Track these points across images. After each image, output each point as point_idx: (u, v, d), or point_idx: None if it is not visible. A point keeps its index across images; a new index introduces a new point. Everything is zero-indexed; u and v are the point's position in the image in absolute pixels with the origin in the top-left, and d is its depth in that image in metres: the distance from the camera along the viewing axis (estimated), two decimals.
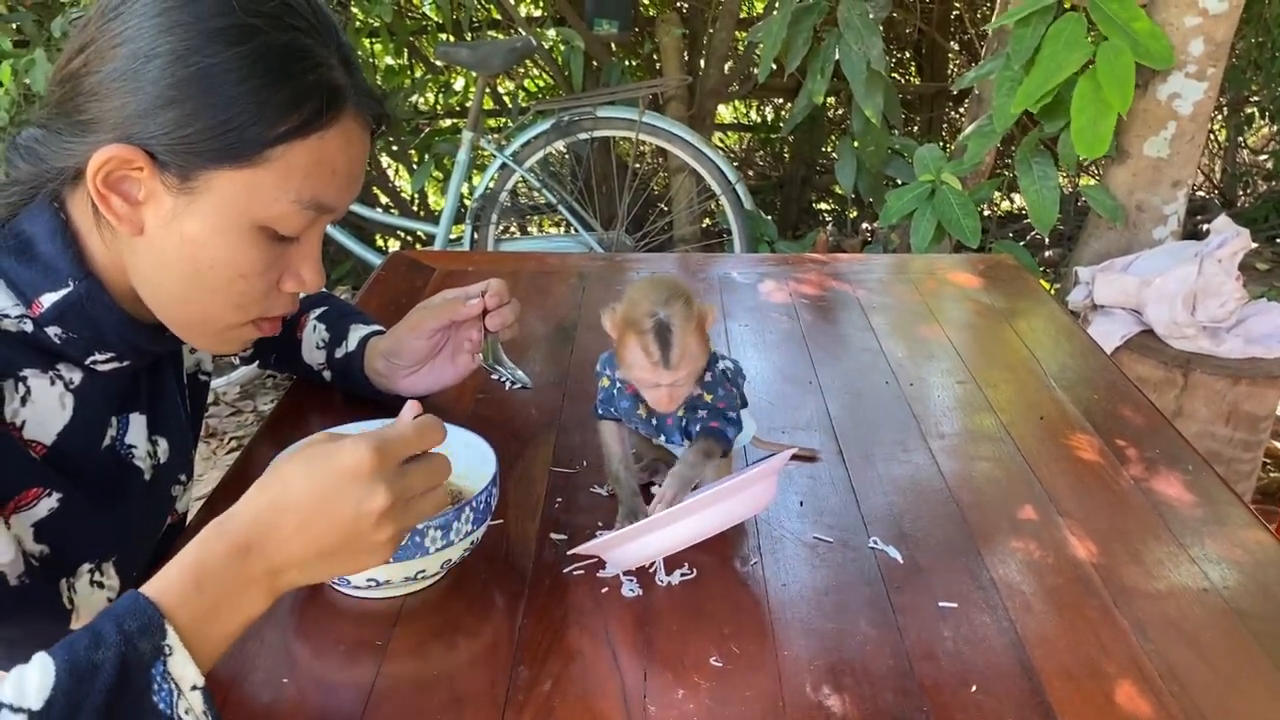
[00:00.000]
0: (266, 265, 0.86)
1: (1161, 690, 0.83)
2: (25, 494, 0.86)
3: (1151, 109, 2.61)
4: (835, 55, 2.97)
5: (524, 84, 4.93)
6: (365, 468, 0.72)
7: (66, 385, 0.89)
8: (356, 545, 0.73)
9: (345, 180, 0.87)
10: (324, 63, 0.82)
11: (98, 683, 0.64)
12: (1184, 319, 2.36)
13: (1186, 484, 1.13)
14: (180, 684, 0.67)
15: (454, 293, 1.19)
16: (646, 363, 0.94)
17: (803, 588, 0.95)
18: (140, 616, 0.66)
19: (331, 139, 0.83)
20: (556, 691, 0.82)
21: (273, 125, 0.80)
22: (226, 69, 0.78)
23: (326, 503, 0.72)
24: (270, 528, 0.72)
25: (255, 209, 0.82)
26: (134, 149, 0.79)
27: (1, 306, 0.84)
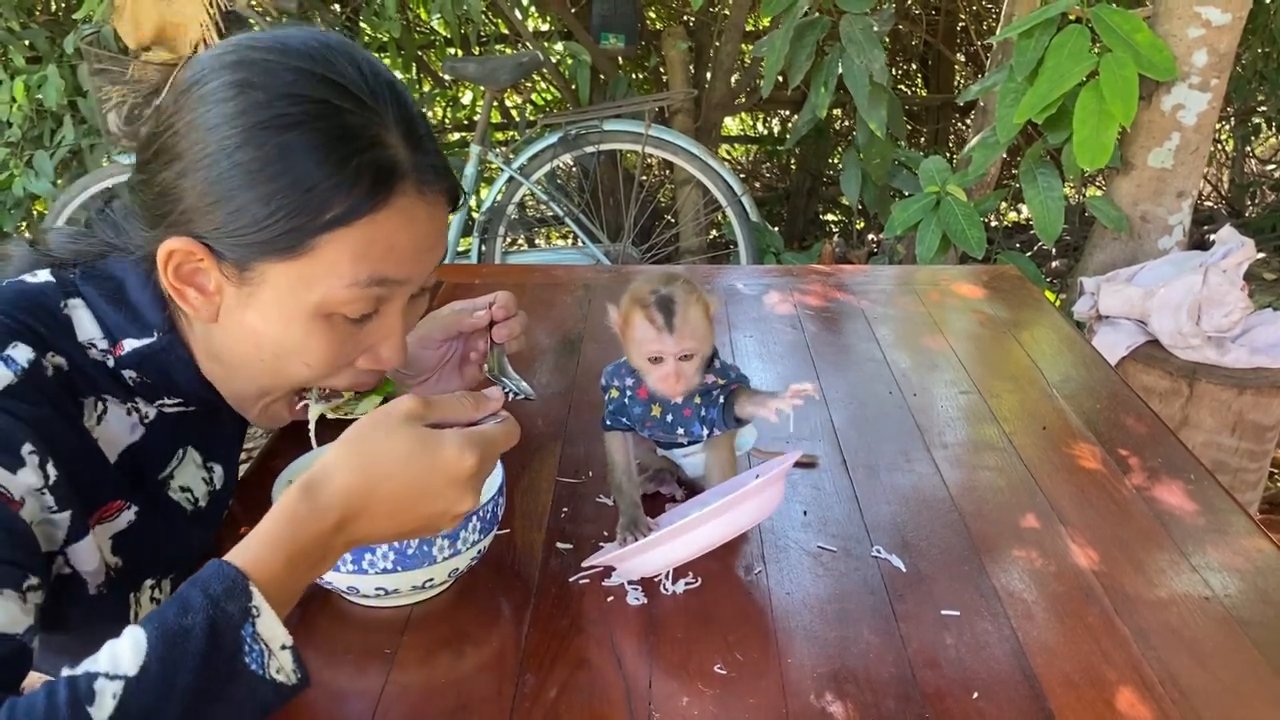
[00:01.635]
0: (336, 349, 0.86)
1: (1163, 698, 0.84)
2: (110, 505, 0.88)
3: (1156, 120, 2.62)
4: (838, 69, 2.98)
5: (531, 98, 4.95)
6: (466, 475, 0.75)
7: (141, 419, 0.91)
8: (430, 529, 0.77)
9: (411, 255, 0.84)
10: (377, 140, 0.80)
11: (190, 646, 0.64)
12: (1189, 329, 2.36)
13: (1188, 493, 1.14)
14: (270, 644, 0.67)
15: (462, 304, 1.20)
16: (652, 332, 0.96)
17: (806, 596, 0.96)
18: (224, 580, 0.67)
19: (385, 220, 0.80)
20: (562, 699, 0.83)
21: (313, 216, 0.78)
22: (269, 162, 0.77)
23: (422, 498, 0.74)
24: (362, 510, 0.73)
25: (311, 297, 0.81)
26: (193, 243, 0.80)
27: (91, 336, 0.87)
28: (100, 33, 3.11)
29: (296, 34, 0.82)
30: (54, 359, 0.84)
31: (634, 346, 0.99)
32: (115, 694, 0.61)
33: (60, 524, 0.81)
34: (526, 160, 3.46)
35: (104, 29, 3.08)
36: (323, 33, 0.84)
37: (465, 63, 3.48)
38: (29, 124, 3.66)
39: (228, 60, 0.80)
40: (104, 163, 3.50)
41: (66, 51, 3.48)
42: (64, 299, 0.87)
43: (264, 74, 0.78)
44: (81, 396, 0.87)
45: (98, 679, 0.62)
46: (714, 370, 1.04)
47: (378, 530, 0.75)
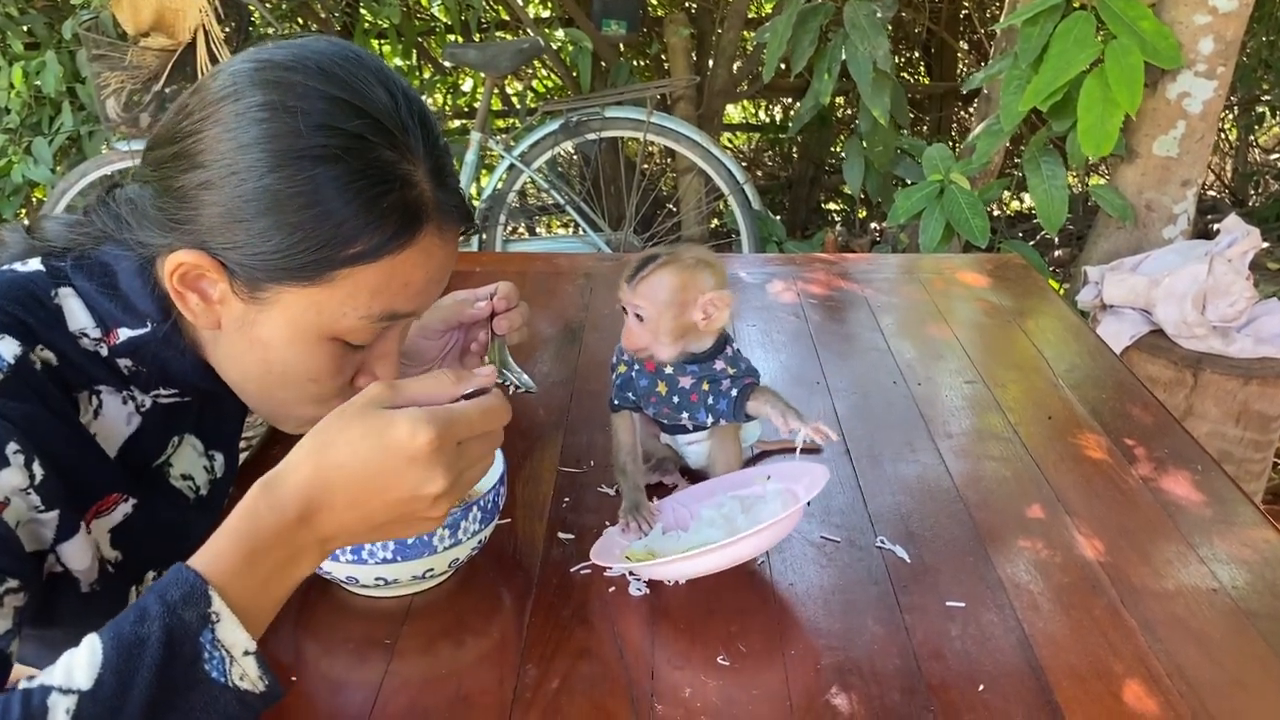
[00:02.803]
0: (338, 369, 0.85)
1: (1169, 690, 0.83)
2: (106, 499, 0.87)
3: (1161, 108, 2.61)
4: (842, 56, 2.96)
5: (532, 85, 4.93)
6: (425, 451, 0.70)
7: (138, 408, 0.90)
8: (409, 520, 0.73)
9: (421, 289, 0.84)
10: (407, 180, 0.79)
11: (146, 656, 0.63)
12: (1194, 318, 2.35)
13: (1195, 483, 1.13)
14: (231, 650, 0.66)
15: (463, 294, 1.19)
16: (622, 280, 1.01)
17: (810, 587, 0.96)
18: (183, 585, 0.66)
19: (406, 259, 0.80)
20: (564, 690, 0.82)
21: (342, 249, 0.77)
22: (299, 193, 0.76)
23: (381, 480, 0.70)
24: (321, 500, 0.71)
25: (323, 323, 0.81)
26: (206, 257, 0.78)
27: (83, 326, 0.85)
28: (99, 18, 3.09)
29: (329, 51, 0.80)
30: (43, 353, 0.83)
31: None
32: (68, 709, 0.60)
33: (48, 523, 0.79)
34: (527, 148, 3.44)
35: (102, 15, 3.06)
36: (355, 50, 0.82)
37: (466, 49, 3.46)
38: (27, 110, 3.64)
39: (263, 79, 0.78)
40: (103, 149, 3.49)
41: (65, 37, 3.46)
42: (54, 288, 0.85)
43: (300, 99, 0.77)
44: (75, 391, 0.85)
45: (51, 693, 0.61)
46: (724, 358, 1.04)
47: (346, 523, 0.71)
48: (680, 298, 1.00)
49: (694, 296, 1.00)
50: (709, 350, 1.04)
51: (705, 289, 1.00)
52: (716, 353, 1.04)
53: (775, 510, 0.96)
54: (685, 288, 1.00)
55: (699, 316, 1.00)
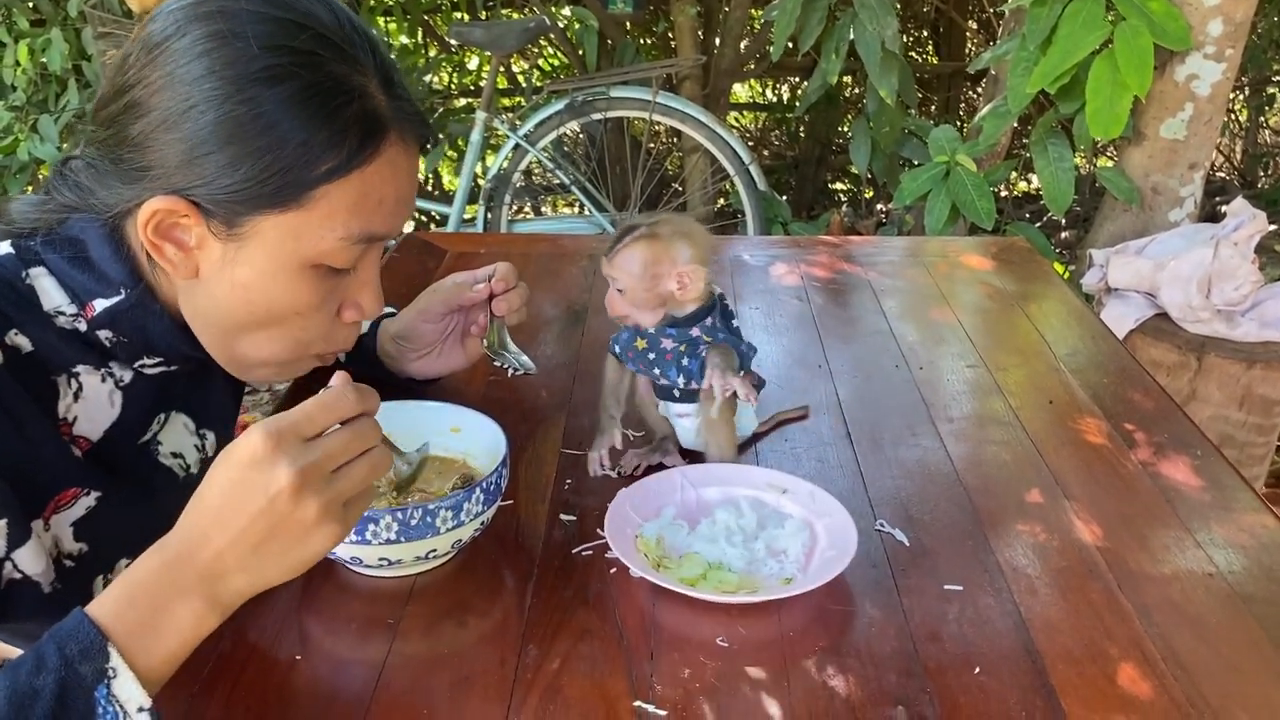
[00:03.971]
0: (323, 300, 0.86)
1: (1164, 674, 0.84)
2: (64, 494, 0.87)
3: (1169, 90, 2.59)
4: (850, 35, 2.95)
5: (538, 63, 4.91)
6: (260, 451, 0.68)
7: (117, 383, 0.90)
8: (286, 531, 0.69)
9: (394, 207, 0.85)
10: (363, 91, 0.80)
11: (37, 708, 0.63)
12: (1199, 302, 2.34)
13: (1194, 468, 1.13)
14: (126, 706, 0.65)
15: (462, 276, 1.19)
16: (604, 252, 1.06)
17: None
18: (83, 639, 0.65)
19: (375, 171, 0.81)
20: (565, 670, 0.83)
21: (312, 168, 0.78)
22: (262, 115, 0.76)
23: (234, 496, 0.69)
24: (192, 533, 0.70)
25: (304, 249, 0.81)
26: (179, 199, 0.78)
27: (58, 304, 0.85)
28: None
29: None
30: (15, 339, 0.83)
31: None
32: None
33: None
34: (533, 127, 3.44)
35: None
36: None
37: (471, 28, 3.45)
38: (33, 88, 3.64)
39: (202, 12, 0.78)
40: None
41: (70, 15, 3.46)
42: (25, 269, 0.85)
43: (244, 24, 0.77)
44: (53, 375, 0.85)
45: None
46: (704, 327, 1.06)
47: (222, 548, 0.68)
48: (654, 270, 1.03)
49: (668, 269, 1.03)
50: (690, 315, 1.06)
51: (680, 260, 1.03)
52: (698, 319, 1.06)
53: (795, 549, 0.96)
54: (659, 260, 1.03)
55: (674, 287, 1.03)
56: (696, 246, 1.04)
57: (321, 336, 0.89)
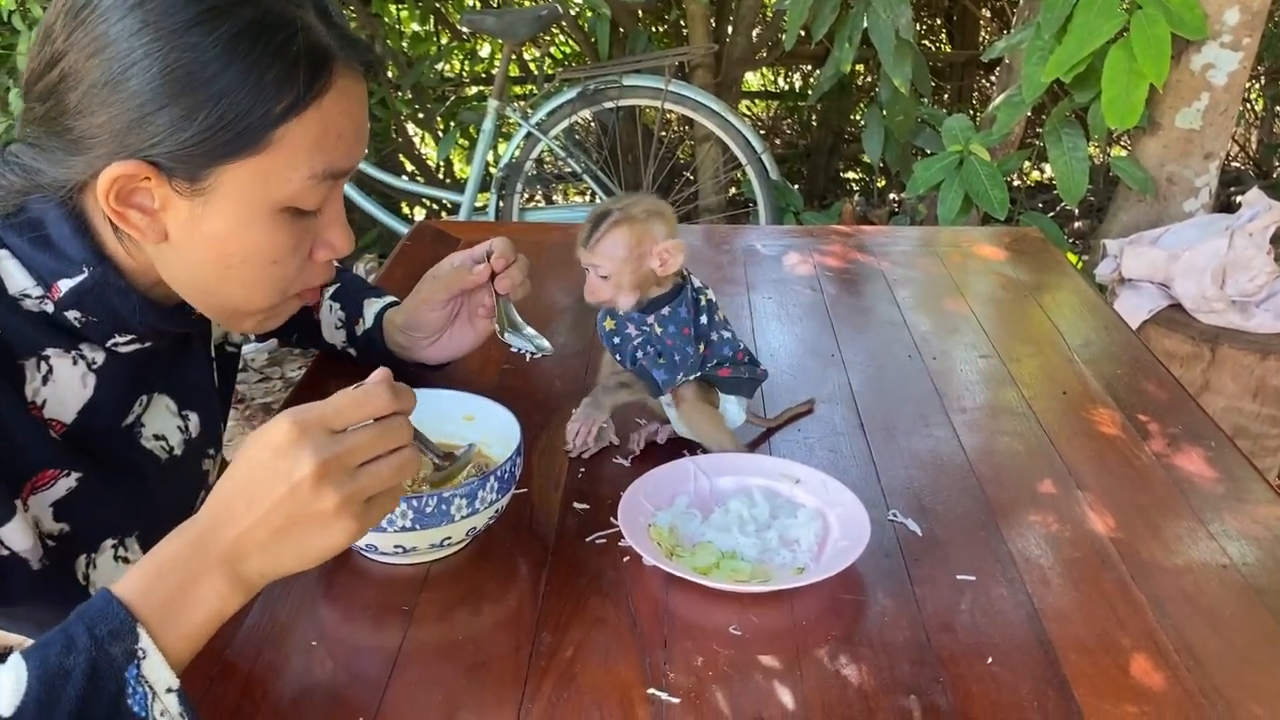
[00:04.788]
0: (295, 243, 0.85)
1: (1177, 665, 0.84)
2: (42, 475, 0.86)
3: (1184, 79, 2.58)
4: (863, 23, 2.94)
5: (550, 51, 4.91)
6: (285, 439, 0.69)
7: (89, 365, 0.89)
8: (305, 519, 0.70)
9: (353, 138, 0.84)
10: (304, 24, 0.78)
11: (69, 689, 0.64)
12: (1213, 293, 2.33)
13: (1208, 460, 1.13)
14: (155, 687, 0.66)
15: (459, 257, 1.18)
16: (579, 241, 1.06)
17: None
18: (112, 620, 0.66)
19: (330, 104, 0.80)
20: (578, 657, 0.84)
21: (268, 108, 0.77)
22: (207, 61, 0.75)
23: (258, 480, 0.69)
24: (219, 513, 0.70)
25: (271, 193, 0.81)
26: (138, 163, 0.77)
27: (23, 287, 0.84)
28: None
29: None
30: None
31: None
32: None
33: None
34: (545, 116, 3.43)
35: None
36: None
37: (484, 16, 3.45)
38: None
39: None
40: None
41: None
42: None
43: None
44: (20, 359, 0.85)
45: None
46: (659, 317, 1.07)
47: (245, 529, 0.70)
48: (637, 251, 1.05)
49: (649, 248, 1.05)
50: (658, 299, 1.07)
51: (659, 238, 1.05)
52: (666, 302, 1.07)
53: (808, 538, 0.97)
54: (640, 241, 1.04)
55: (656, 265, 1.05)
56: (669, 223, 1.07)
57: (298, 278, 0.89)
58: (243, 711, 0.78)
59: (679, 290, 1.08)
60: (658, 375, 1.07)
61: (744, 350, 1.13)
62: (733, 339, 1.12)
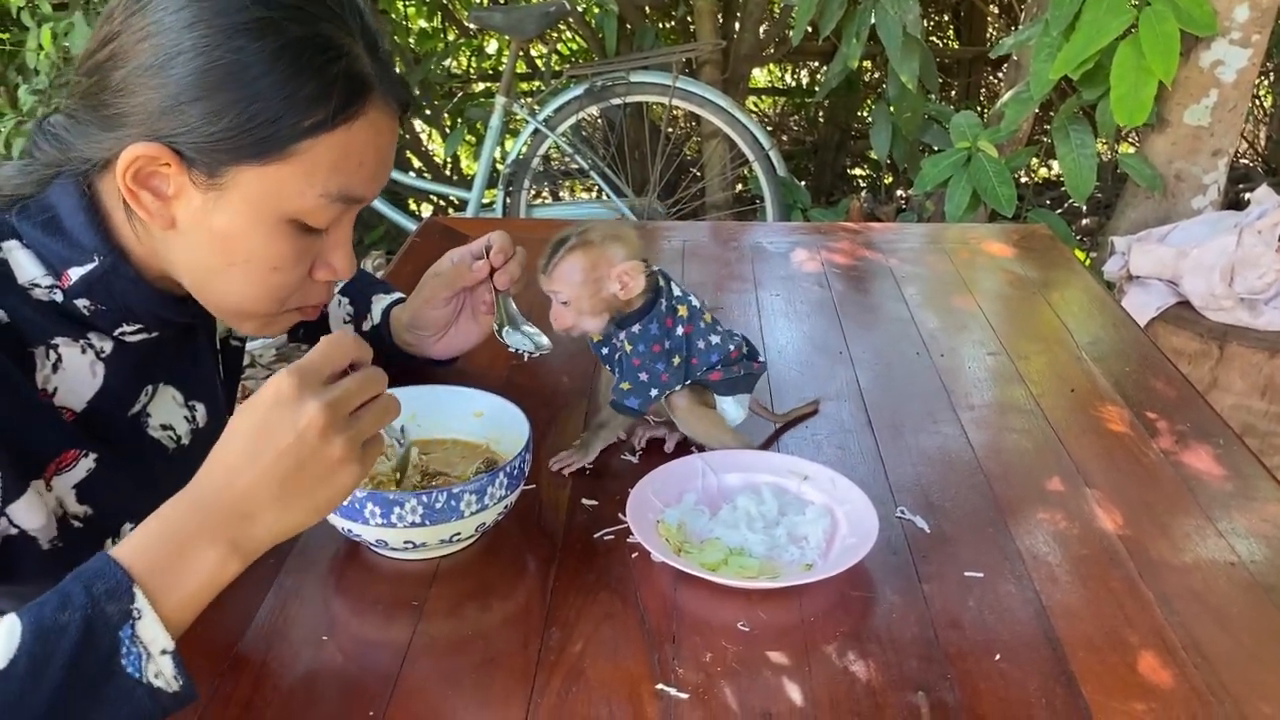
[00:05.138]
0: (297, 257, 0.86)
1: (1185, 662, 0.84)
2: (64, 456, 0.88)
3: (1193, 76, 2.57)
4: (871, 19, 2.94)
5: (557, 48, 4.91)
6: (287, 391, 0.71)
7: (97, 354, 0.91)
8: (313, 466, 0.72)
9: (373, 170, 0.86)
10: (349, 52, 0.81)
11: (63, 643, 0.65)
12: (1221, 290, 2.33)
13: (1216, 457, 1.13)
14: (150, 647, 0.67)
15: (459, 253, 1.19)
16: (539, 268, 1.07)
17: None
18: (108, 579, 0.67)
19: (358, 131, 0.82)
20: (587, 653, 0.84)
21: (298, 121, 0.79)
22: (249, 65, 0.77)
23: (265, 436, 0.71)
24: (219, 475, 0.72)
25: (283, 203, 0.82)
26: (161, 147, 0.79)
27: (33, 276, 0.86)
28: None
29: None
30: None
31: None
32: None
33: None
34: (552, 112, 3.43)
35: None
36: None
37: (491, 12, 3.45)
38: (55, 71, 3.66)
39: None
40: None
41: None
42: None
43: None
44: (30, 347, 0.86)
45: None
46: (629, 335, 1.06)
47: (250, 485, 0.71)
48: (594, 275, 1.03)
49: (606, 271, 1.03)
50: (632, 315, 1.06)
51: (616, 261, 1.03)
52: (639, 318, 1.06)
53: (816, 535, 0.97)
54: (596, 265, 1.03)
55: (616, 288, 1.04)
56: (628, 245, 1.04)
57: (296, 293, 0.90)
58: (254, 704, 0.79)
59: (651, 305, 1.06)
60: (629, 403, 1.06)
61: (739, 347, 1.11)
62: (722, 342, 1.09)
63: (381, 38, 0.86)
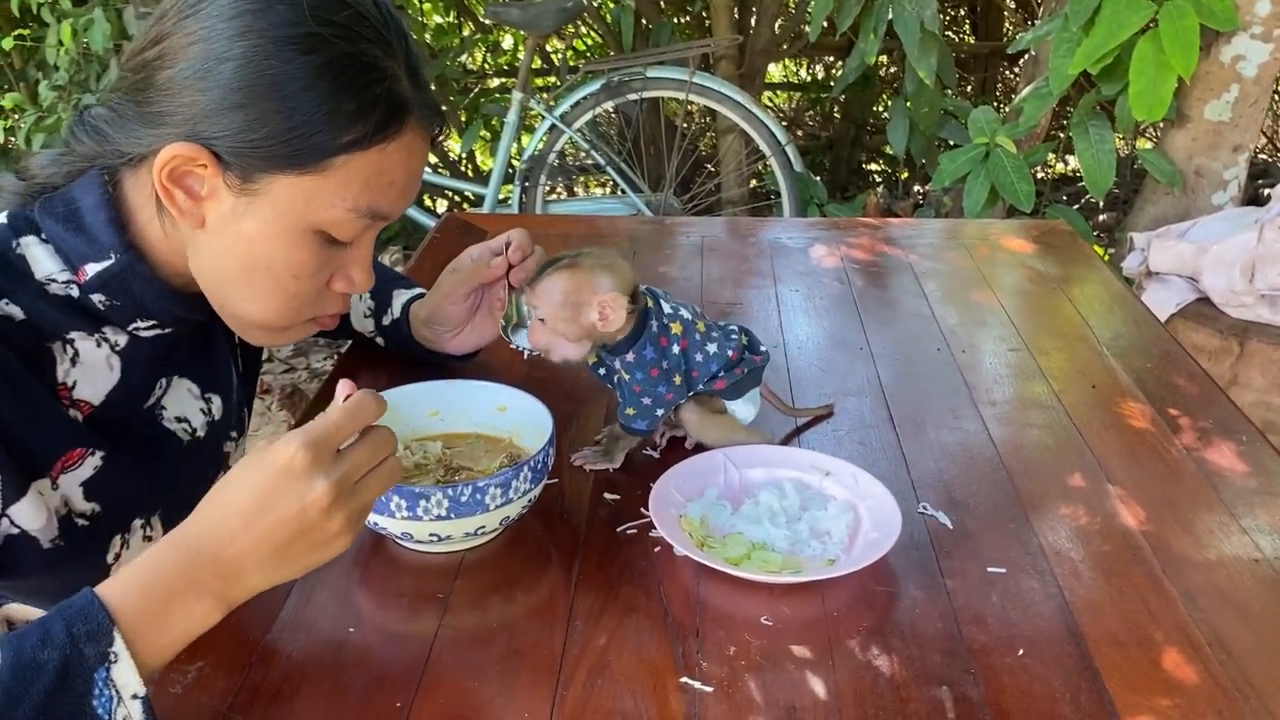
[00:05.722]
0: (319, 267, 0.88)
1: (1209, 659, 0.84)
2: (70, 455, 0.89)
3: (1214, 71, 2.56)
4: (888, 14, 2.93)
5: (573, 44, 4.91)
6: (299, 465, 0.72)
7: (112, 347, 0.92)
8: (311, 538, 0.73)
9: (403, 190, 0.88)
10: (391, 74, 0.83)
11: (39, 682, 0.66)
12: (1242, 287, 2.32)
13: (1240, 454, 1.13)
14: (122, 691, 0.68)
15: (478, 250, 1.20)
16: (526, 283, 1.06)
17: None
18: (91, 621, 0.68)
19: (393, 151, 0.84)
20: (612, 646, 0.84)
21: (336, 137, 0.81)
22: (295, 77, 0.79)
23: (268, 503, 0.72)
24: (216, 531, 0.72)
25: (312, 214, 0.84)
26: (199, 148, 0.80)
27: (50, 271, 0.87)
28: None
29: None
30: (7, 308, 0.85)
31: None
32: None
33: None
34: (568, 108, 3.44)
35: None
36: None
37: (508, 7, 3.45)
38: (75, 67, 3.68)
39: None
40: None
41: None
42: (15, 239, 0.87)
43: None
44: (48, 342, 0.87)
45: None
46: (624, 364, 1.05)
47: (244, 548, 0.72)
48: (574, 299, 1.01)
49: (588, 298, 1.01)
50: (627, 338, 1.04)
51: (601, 289, 1.01)
52: (633, 341, 1.04)
53: (839, 530, 0.97)
54: (579, 289, 1.01)
55: (595, 317, 1.01)
56: (618, 276, 1.02)
57: (312, 303, 0.92)
58: (283, 695, 0.79)
59: (640, 331, 1.04)
60: (637, 425, 1.06)
61: (737, 348, 1.08)
62: (720, 350, 1.07)
63: (421, 62, 0.88)
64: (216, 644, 0.82)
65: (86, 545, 0.92)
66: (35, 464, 0.87)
